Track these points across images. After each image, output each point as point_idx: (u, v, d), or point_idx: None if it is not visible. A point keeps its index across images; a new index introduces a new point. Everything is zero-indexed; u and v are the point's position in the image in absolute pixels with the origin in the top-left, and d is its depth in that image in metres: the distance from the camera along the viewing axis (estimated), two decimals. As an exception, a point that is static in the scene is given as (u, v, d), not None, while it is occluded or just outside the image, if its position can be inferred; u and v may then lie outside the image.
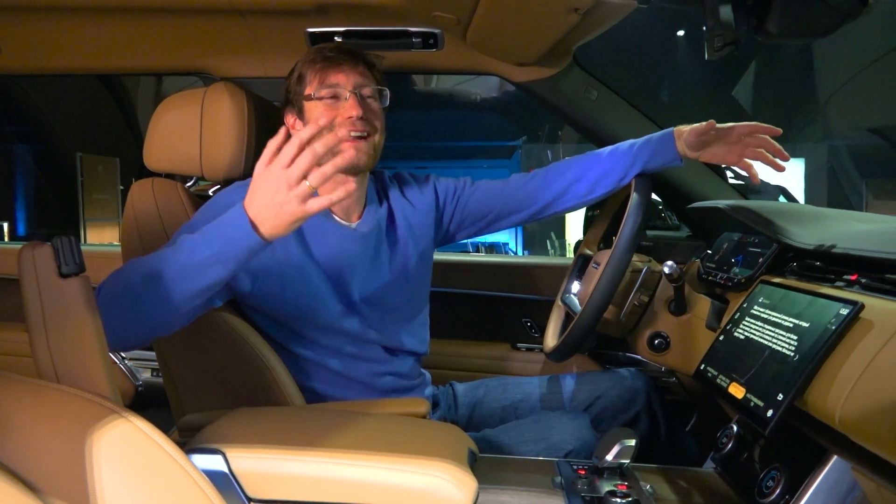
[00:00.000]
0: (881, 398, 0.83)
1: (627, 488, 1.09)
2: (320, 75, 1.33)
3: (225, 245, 1.04)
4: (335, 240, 1.36)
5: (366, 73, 1.36)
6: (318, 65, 1.34)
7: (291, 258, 1.31)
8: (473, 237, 1.63)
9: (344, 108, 1.32)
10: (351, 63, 1.35)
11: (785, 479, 1.03)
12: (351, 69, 1.34)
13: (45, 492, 0.68)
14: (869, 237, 1.21)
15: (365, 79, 1.36)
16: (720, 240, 1.57)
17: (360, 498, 1.01)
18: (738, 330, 1.21)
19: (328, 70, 1.33)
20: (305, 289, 1.32)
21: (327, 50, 1.35)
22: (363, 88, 1.35)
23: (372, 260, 1.41)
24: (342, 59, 1.34)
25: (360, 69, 1.35)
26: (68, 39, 1.71)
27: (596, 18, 1.38)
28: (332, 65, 1.33)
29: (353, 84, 1.33)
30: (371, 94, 1.36)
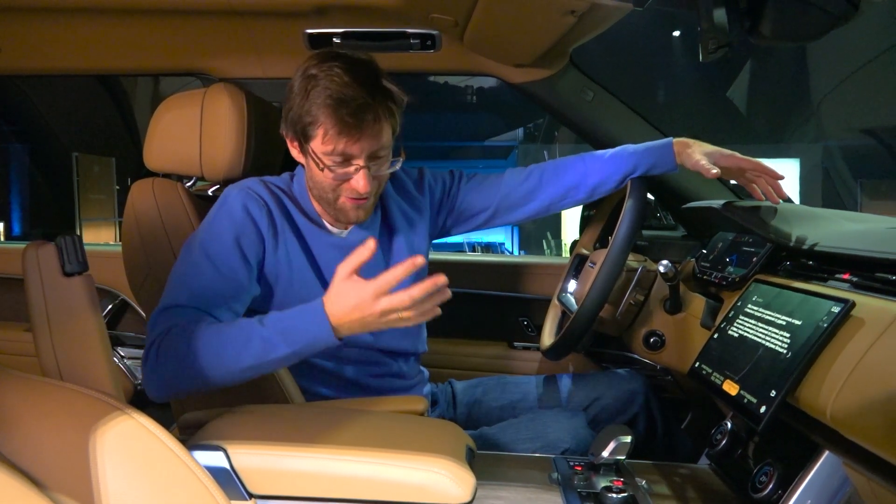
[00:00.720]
0: (871, 394, 0.85)
1: (623, 484, 1.11)
2: (335, 142, 1.23)
3: (305, 346, 1.10)
4: (326, 249, 1.36)
5: (382, 130, 1.25)
6: (335, 130, 1.21)
7: (291, 266, 1.32)
8: (468, 232, 1.62)
9: (351, 180, 1.26)
10: (371, 132, 1.23)
11: (778, 474, 1.04)
12: (367, 136, 1.23)
13: (50, 487, 0.69)
14: (860, 237, 1.23)
15: (381, 139, 1.25)
16: (715, 239, 1.59)
17: (359, 494, 1.03)
18: (733, 328, 1.23)
19: (345, 141, 1.22)
20: (302, 296, 1.30)
21: (347, 110, 1.19)
22: (376, 159, 1.27)
23: (364, 267, 1.39)
24: (362, 131, 1.22)
25: (378, 131, 1.24)
26: (67, 40, 1.72)
27: (592, 21, 1.39)
28: (352, 137, 1.22)
29: (367, 155, 1.25)
30: (382, 156, 1.28)
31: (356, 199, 1.29)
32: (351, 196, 1.29)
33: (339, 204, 1.30)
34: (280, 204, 1.34)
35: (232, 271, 1.23)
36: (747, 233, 1.45)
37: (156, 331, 1.15)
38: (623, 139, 1.74)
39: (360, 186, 1.25)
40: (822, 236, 1.26)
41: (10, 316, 2.29)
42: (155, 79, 8.52)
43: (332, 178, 1.27)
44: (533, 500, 1.08)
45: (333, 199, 1.30)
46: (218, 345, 1.11)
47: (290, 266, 1.32)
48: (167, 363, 1.12)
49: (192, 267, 1.22)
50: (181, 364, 1.11)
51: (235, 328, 1.13)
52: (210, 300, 1.19)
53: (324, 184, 1.28)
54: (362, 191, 1.25)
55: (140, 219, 1.40)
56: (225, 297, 1.21)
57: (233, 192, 1.31)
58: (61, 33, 1.70)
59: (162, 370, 1.13)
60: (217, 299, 1.20)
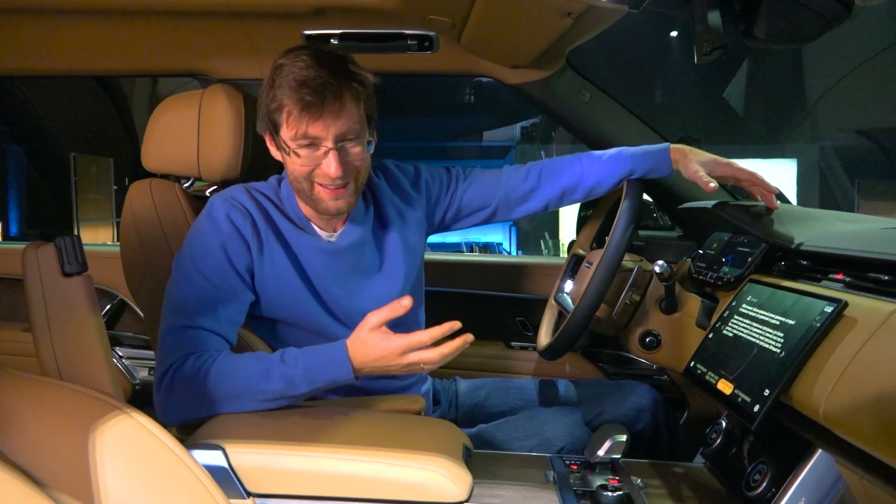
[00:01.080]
0: (863, 393, 0.86)
1: (618, 482, 1.11)
2: (297, 124, 1.20)
3: (326, 383, 1.14)
4: (314, 254, 1.33)
5: (349, 112, 1.21)
6: (296, 111, 1.19)
7: (277, 274, 1.31)
8: (466, 229, 1.62)
9: (322, 164, 1.23)
10: (332, 108, 1.19)
11: (771, 472, 1.05)
12: (332, 117, 1.19)
13: (50, 486, 0.70)
14: (854, 237, 1.24)
15: (348, 121, 1.21)
16: (710, 239, 1.59)
17: (357, 492, 1.03)
18: (727, 328, 1.24)
19: (307, 121, 1.19)
20: (294, 301, 1.32)
21: (307, 90, 1.17)
22: (345, 140, 1.23)
23: (354, 271, 1.37)
24: (322, 107, 1.18)
25: (344, 112, 1.20)
26: (66, 41, 1.72)
27: (588, 22, 1.40)
28: (313, 115, 1.19)
29: (334, 136, 1.21)
30: (353, 138, 1.24)
31: (332, 189, 1.25)
32: (324, 183, 1.25)
33: (315, 194, 1.27)
34: (264, 212, 1.32)
35: (224, 280, 1.24)
36: (742, 233, 1.45)
37: (168, 359, 1.17)
38: (619, 140, 1.75)
39: (330, 170, 1.21)
40: (816, 237, 1.27)
41: (8, 316, 2.29)
42: (153, 79, 8.52)
43: (302, 164, 1.23)
44: (529, 498, 1.08)
45: (309, 189, 1.26)
46: (238, 380, 1.15)
47: (277, 274, 1.30)
48: (184, 394, 1.15)
49: (185, 283, 1.23)
50: (198, 396, 1.14)
51: (256, 363, 1.16)
52: (209, 312, 1.21)
53: (296, 173, 1.25)
54: (333, 174, 1.21)
55: (138, 219, 1.40)
56: (223, 307, 1.22)
57: (216, 202, 1.30)
58: (60, 34, 1.70)
59: (177, 399, 1.16)
60: (216, 310, 1.21)
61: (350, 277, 1.36)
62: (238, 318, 1.26)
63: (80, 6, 1.58)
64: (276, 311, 1.33)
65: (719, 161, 1.46)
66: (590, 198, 1.57)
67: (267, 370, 1.14)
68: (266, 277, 1.29)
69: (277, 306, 1.32)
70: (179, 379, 1.15)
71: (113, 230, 8.79)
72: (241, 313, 1.27)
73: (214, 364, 1.15)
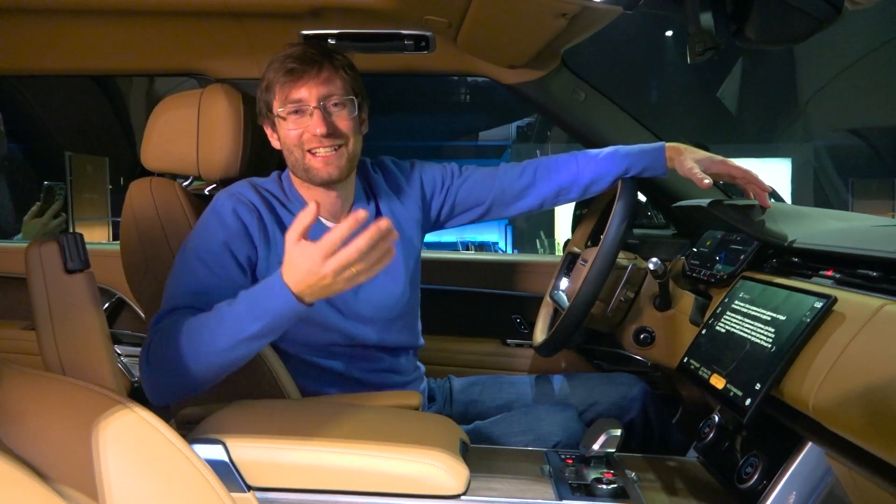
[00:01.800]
0: (852, 386, 0.87)
1: (613, 476, 1.13)
2: (283, 90, 1.30)
3: (274, 317, 1.09)
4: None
5: (332, 80, 1.30)
6: (282, 78, 1.29)
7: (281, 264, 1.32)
8: (462, 226, 1.63)
9: (309, 125, 1.29)
10: (314, 73, 1.29)
11: (763, 465, 1.07)
12: (314, 81, 1.29)
13: (54, 479, 0.71)
14: (844, 235, 1.26)
15: (330, 87, 1.30)
16: (704, 237, 1.61)
17: (356, 485, 1.05)
18: (720, 324, 1.26)
19: (290, 85, 1.29)
20: None
21: (290, 59, 1.29)
22: (329, 100, 1.30)
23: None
24: (304, 71, 1.28)
25: (324, 77, 1.30)
26: (65, 40, 1.73)
27: (583, 23, 1.42)
28: (295, 78, 1.29)
29: (318, 97, 1.29)
30: (339, 104, 1.31)
31: (322, 154, 1.30)
32: (313, 146, 1.30)
33: (306, 163, 1.32)
34: (270, 207, 1.35)
35: (224, 270, 1.25)
36: (735, 231, 1.47)
37: (149, 335, 1.18)
38: (614, 139, 1.77)
39: (315, 129, 1.27)
40: (808, 234, 1.30)
41: (7, 314, 2.30)
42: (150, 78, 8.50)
43: (291, 129, 1.30)
44: (525, 491, 1.10)
45: (301, 157, 1.31)
46: (196, 332, 1.12)
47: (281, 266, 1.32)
48: (157, 363, 1.14)
49: (185, 270, 1.24)
50: (168, 360, 1.12)
51: (209, 314, 1.13)
52: (206, 299, 1.21)
53: (287, 141, 1.31)
54: (318, 132, 1.27)
55: (138, 217, 1.42)
56: (217, 291, 1.22)
57: (222, 197, 1.32)
58: (59, 34, 1.71)
59: (154, 371, 1.15)
60: (209, 293, 1.22)
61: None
62: None
63: (79, 6, 1.59)
64: None
65: (714, 159, 1.49)
66: (585, 196, 1.59)
67: (218, 317, 1.12)
68: (272, 270, 1.30)
69: None
70: (154, 349, 1.14)
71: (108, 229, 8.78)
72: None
73: (179, 324, 1.14)
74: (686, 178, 1.47)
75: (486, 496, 1.08)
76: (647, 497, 1.10)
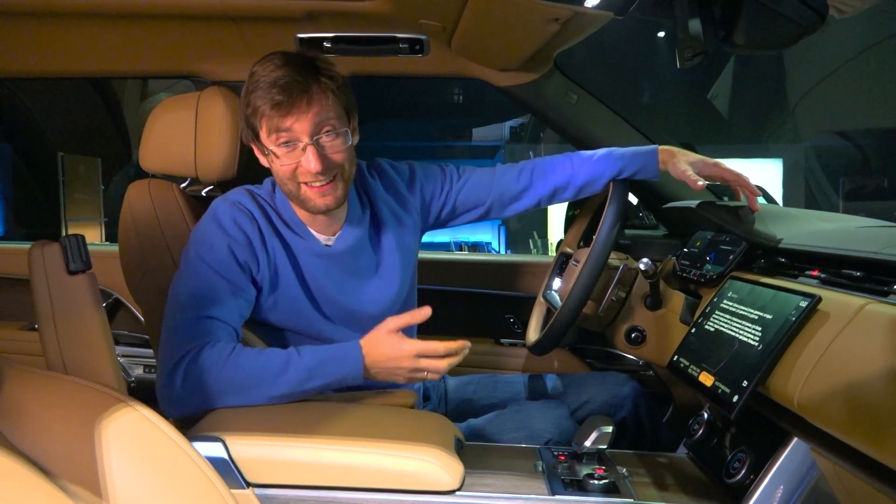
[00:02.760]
0: (835, 383, 0.90)
1: (604, 472, 1.15)
2: (270, 122, 1.23)
3: (336, 381, 1.21)
4: (311, 258, 1.36)
5: (322, 107, 1.24)
6: (268, 110, 1.22)
7: (279, 277, 1.33)
8: (460, 225, 1.64)
9: (302, 162, 1.25)
10: (302, 105, 1.22)
11: (750, 460, 1.10)
12: (304, 113, 1.22)
13: (57, 475, 0.72)
14: (830, 235, 1.29)
15: (321, 115, 1.24)
16: (694, 238, 1.64)
17: (353, 481, 1.07)
18: (709, 323, 1.29)
19: (278, 117, 1.22)
20: (291, 305, 1.35)
21: (276, 90, 1.21)
22: (321, 130, 1.25)
23: (351, 274, 1.40)
24: (292, 104, 1.22)
25: (314, 107, 1.23)
26: (64, 43, 1.74)
27: (575, 28, 1.44)
28: (283, 112, 1.22)
29: (310, 132, 1.23)
30: (331, 131, 1.26)
31: (317, 186, 1.27)
32: (308, 181, 1.27)
33: (301, 194, 1.29)
34: (266, 216, 1.35)
35: (230, 273, 1.26)
36: (725, 232, 1.50)
37: (181, 349, 1.18)
38: (606, 141, 1.80)
39: (310, 166, 1.23)
40: (795, 235, 1.32)
41: (5, 315, 2.31)
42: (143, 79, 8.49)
43: (283, 164, 1.26)
44: (518, 486, 1.12)
45: (295, 189, 1.29)
46: (256, 370, 1.18)
47: (278, 277, 1.33)
48: (198, 383, 1.16)
49: (195, 276, 1.25)
50: (213, 386, 1.16)
51: (273, 356, 1.19)
52: (220, 303, 1.23)
53: (281, 174, 1.28)
54: (314, 169, 1.23)
55: (137, 218, 1.43)
56: (232, 299, 1.25)
57: (222, 205, 1.33)
58: (58, 37, 1.72)
59: (190, 389, 1.17)
60: (226, 302, 1.24)
61: (347, 281, 1.39)
62: (245, 313, 1.29)
63: (77, 9, 1.60)
64: (276, 316, 1.35)
65: (707, 161, 1.51)
66: (580, 196, 1.61)
67: (284, 363, 1.18)
68: (268, 281, 1.32)
69: (277, 310, 1.35)
70: (195, 368, 1.16)
71: (101, 230, 8.75)
72: (248, 307, 1.30)
73: (233, 353, 1.18)
74: (680, 180, 1.50)
75: (481, 492, 1.10)
76: (638, 492, 1.13)
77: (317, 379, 1.19)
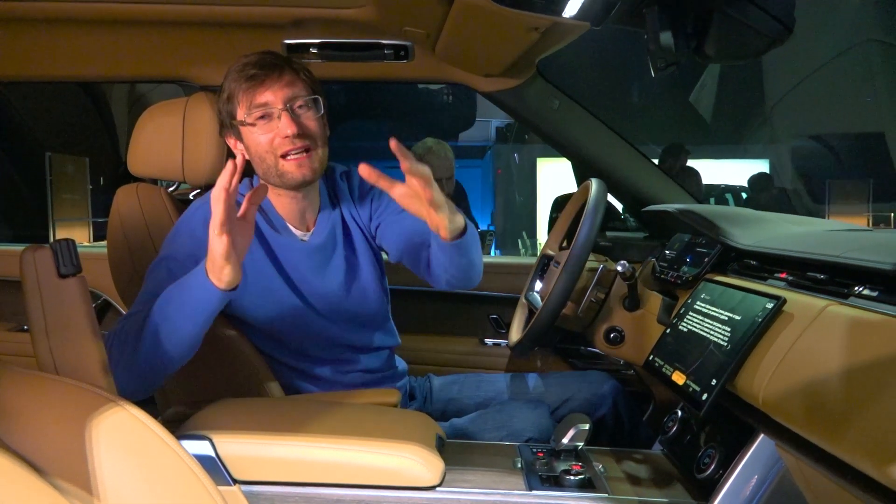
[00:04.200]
0: (797, 381, 0.94)
1: (581, 468, 1.19)
2: (247, 96, 1.32)
3: (192, 286, 1.17)
4: (290, 253, 1.40)
5: (294, 82, 1.33)
6: (244, 85, 1.31)
7: (257, 271, 1.38)
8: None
9: (279, 128, 1.31)
10: (276, 76, 1.31)
11: (719, 456, 1.14)
12: (277, 83, 1.31)
13: (49, 473, 0.74)
14: (798, 239, 1.33)
15: (294, 89, 1.33)
16: (673, 240, 1.68)
17: (337, 478, 1.11)
18: (683, 324, 1.33)
19: (254, 90, 1.31)
20: (268, 300, 1.39)
21: (250, 66, 1.31)
22: (294, 102, 1.33)
23: (326, 269, 1.44)
24: (266, 75, 1.31)
25: (286, 79, 1.32)
26: (53, 48, 1.76)
27: (554, 36, 1.48)
28: (257, 83, 1.31)
29: (283, 99, 1.31)
30: (304, 105, 1.34)
31: (295, 157, 1.32)
32: (284, 150, 1.31)
33: (280, 168, 1.33)
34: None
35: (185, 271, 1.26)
36: (701, 235, 1.54)
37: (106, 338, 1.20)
38: (586, 145, 1.84)
39: (287, 130, 1.29)
40: (766, 238, 1.37)
41: None
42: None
43: (260, 134, 1.31)
44: (497, 482, 1.16)
45: (274, 162, 1.33)
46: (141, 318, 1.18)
47: (258, 274, 1.37)
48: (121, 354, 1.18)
49: (153, 275, 1.29)
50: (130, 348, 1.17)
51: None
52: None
53: (259, 148, 1.33)
54: (290, 132, 1.29)
55: (125, 221, 1.46)
56: None
57: (194, 206, 1.37)
58: (46, 42, 1.74)
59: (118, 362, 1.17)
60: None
61: (327, 273, 1.43)
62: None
63: (67, 15, 1.62)
64: (260, 313, 1.39)
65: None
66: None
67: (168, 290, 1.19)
68: (247, 278, 1.34)
69: (260, 307, 1.38)
70: (116, 342, 1.18)
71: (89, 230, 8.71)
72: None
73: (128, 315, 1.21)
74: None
75: (461, 487, 1.14)
76: (612, 487, 1.17)
77: (175, 292, 1.17)
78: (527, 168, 9.98)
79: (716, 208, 1.55)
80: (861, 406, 0.81)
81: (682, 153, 4.49)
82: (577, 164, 2.26)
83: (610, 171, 1.93)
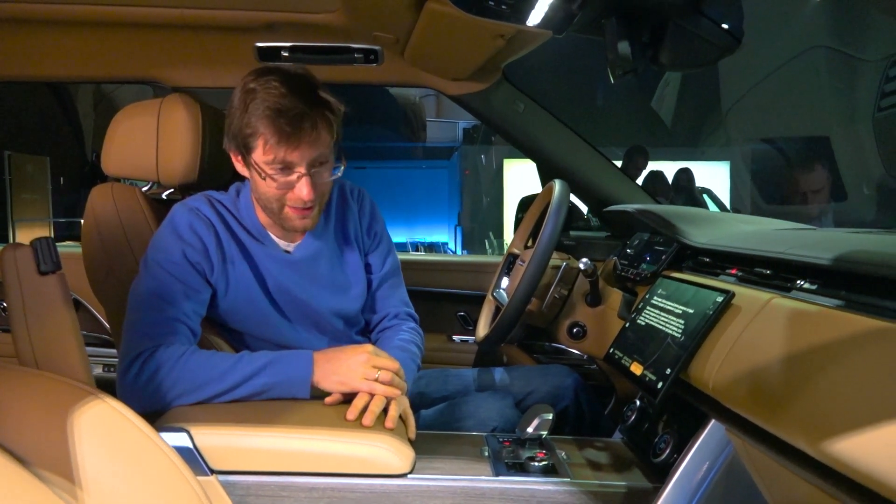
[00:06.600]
0: (742, 369, 1.01)
1: (545, 455, 1.25)
2: (275, 151, 1.26)
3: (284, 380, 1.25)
4: (272, 264, 1.41)
5: (321, 138, 1.27)
6: (272, 139, 1.24)
7: (242, 282, 1.39)
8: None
9: (295, 188, 1.30)
10: (310, 139, 1.25)
11: (674, 441, 1.21)
12: (306, 140, 1.25)
13: (32, 463, 0.77)
14: (749, 237, 1.41)
15: (320, 147, 1.28)
16: (633, 239, 1.75)
17: (311, 467, 1.15)
18: (641, 318, 1.40)
19: (284, 149, 1.25)
20: (251, 308, 1.41)
21: (284, 120, 1.22)
22: (317, 166, 1.30)
23: (311, 281, 1.45)
24: (301, 137, 1.24)
25: (319, 141, 1.27)
26: (24, 49, 1.77)
27: (518, 43, 1.54)
28: (291, 144, 1.25)
29: (308, 162, 1.28)
30: (324, 162, 1.31)
31: (301, 210, 1.33)
32: (295, 205, 1.32)
33: (283, 214, 1.35)
34: (225, 223, 1.40)
35: (185, 275, 1.32)
36: (658, 234, 1.61)
37: (137, 347, 1.24)
38: (550, 147, 1.91)
39: (303, 194, 1.28)
40: (719, 237, 1.44)
41: None
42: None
43: (276, 188, 1.30)
44: (465, 469, 1.21)
45: (278, 209, 1.34)
46: (206, 368, 1.23)
47: (238, 284, 1.39)
48: (151, 381, 1.21)
49: (150, 278, 1.31)
50: (167, 383, 1.21)
51: (226, 356, 1.26)
52: (172, 302, 1.29)
53: (268, 194, 1.32)
54: (306, 198, 1.29)
55: (100, 221, 1.47)
56: (184, 298, 1.31)
57: (180, 211, 1.38)
58: (17, 42, 1.74)
59: (143, 387, 1.21)
60: (177, 301, 1.30)
61: (308, 286, 1.45)
62: (201, 311, 1.35)
63: (38, 16, 1.63)
64: (239, 321, 1.42)
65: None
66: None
67: (237, 358, 1.24)
68: (228, 287, 1.38)
69: (240, 315, 1.41)
70: (150, 365, 1.22)
71: (50, 230, 8.56)
72: (203, 307, 1.36)
73: (186, 353, 1.24)
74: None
75: (431, 474, 1.19)
76: (574, 472, 1.23)
77: (264, 376, 1.22)
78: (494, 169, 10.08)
79: (672, 208, 1.62)
80: (799, 389, 0.88)
81: (643, 155, 4.62)
82: (542, 166, 2.33)
83: (573, 173, 2.00)
